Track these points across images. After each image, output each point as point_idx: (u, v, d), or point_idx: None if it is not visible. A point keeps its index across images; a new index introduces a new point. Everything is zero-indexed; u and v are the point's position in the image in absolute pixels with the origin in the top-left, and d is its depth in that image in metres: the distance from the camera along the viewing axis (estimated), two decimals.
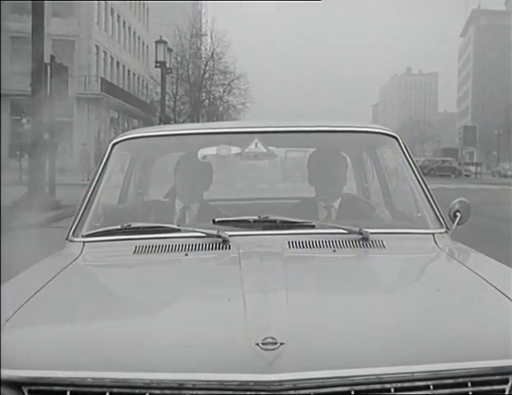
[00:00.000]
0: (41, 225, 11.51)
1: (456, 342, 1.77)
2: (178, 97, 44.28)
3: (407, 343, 1.74)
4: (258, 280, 2.00)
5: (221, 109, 49.22)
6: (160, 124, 27.34)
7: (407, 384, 1.68)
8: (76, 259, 2.58)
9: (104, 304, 2.16)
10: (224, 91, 48.28)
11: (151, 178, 3.77)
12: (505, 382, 1.73)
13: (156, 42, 30.36)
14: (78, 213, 2.90)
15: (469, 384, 1.71)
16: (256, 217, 2.65)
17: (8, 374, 1.70)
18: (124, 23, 53.40)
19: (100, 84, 43.71)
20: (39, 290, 2.11)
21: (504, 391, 1.72)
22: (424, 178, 3.02)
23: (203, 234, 2.58)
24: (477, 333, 1.81)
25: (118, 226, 2.71)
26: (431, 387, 1.69)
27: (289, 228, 2.64)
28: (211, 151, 3.38)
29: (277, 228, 2.63)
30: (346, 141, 3.44)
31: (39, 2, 15.38)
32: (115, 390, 1.67)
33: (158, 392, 1.66)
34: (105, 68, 47.89)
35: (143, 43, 60.23)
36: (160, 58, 29.78)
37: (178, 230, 2.70)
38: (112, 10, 49.51)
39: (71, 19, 43.66)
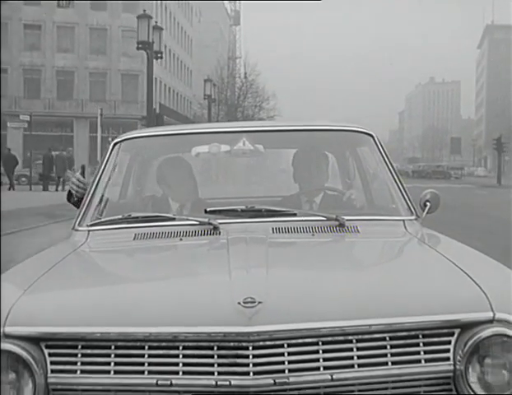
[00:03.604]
0: None
1: (409, 299, 2.02)
2: (220, 118, 54.76)
3: (365, 300, 2.00)
4: (243, 260, 2.26)
5: None
6: None
7: (366, 336, 1.92)
8: (81, 245, 2.83)
9: (108, 275, 2.55)
10: (255, 108, 58.21)
11: (148, 175, 3.87)
12: (451, 334, 1.96)
13: (205, 80, 40.82)
14: (83, 206, 3.11)
15: (420, 336, 1.94)
16: (243, 207, 2.87)
17: (28, 330, 1.96)
18: (174, 55, 63.89)
19: (158, 107, 54.13)
20: (51, 268, 2.39)
21: (450, 342, 1.95)
22: (397, 171, 3.24)
23: (196, 222, 2.80)
24: (427, 291, 2.07)
25: (120, 216, 2.95)
26: (387, 338, 1.92)
27: (273, 216, 2.85)
28: (203, 148, 3.51)
29: (263, 216, 2.84)
30: (326, 139, 3.61)
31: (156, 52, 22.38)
32: (119, 343, 1.93)
33: (156, 344, 1.92)
34: (160, 94, 57.59)
35: (188, 68, 70.46)
36: (207, 92, 40.47)
37: (173, 219, 2.91)
38: (165, 46, 60.42)
39: (136, 58, 53.99)
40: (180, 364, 1.90)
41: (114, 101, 52.95)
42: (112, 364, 1.92)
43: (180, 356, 1.91)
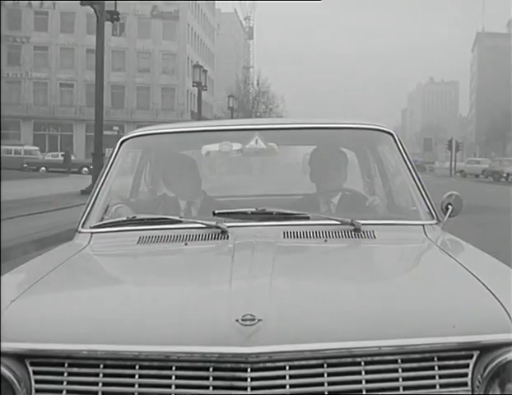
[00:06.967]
0: None
1: (423, 318, 1.80)
2: None
3: (375, 318, 1.79)
4: (246, 269, 2.07)
5: None
6: None
7: (375, 358, 1.71)
8: (83, 248, 2.67)
9: (101, 286, 2.32)
10: (265, 112, 70.37)
11: (156, 173, 3.72)
12: (470, 357, 1.75)
13: (229, 96, 54.04)
14: (87, 207, 2.95)
15: (435, 359, 1.73)
16: (253, 209, 2.70)
17: (12, 346, 1.78)
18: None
19: (190, 113, 65.87)
20: (45, 275, 2.21)
21: (468, 365, 1.74)
22: (418, 172, 3.03)
23: (203, 226, 2.63)
24: (444, 309, 1.84)
25: (124, 218, 2.82)
26: (399, 361, 1.72)
27: (285, 219, 2.68)
28: (213, 147, 3.39)
29: (274, 219, 2.67)
30: (344, 137, 3.40)
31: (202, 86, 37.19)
32: (108, 362, 1.75)
33: (146, 363, 1.73)
34: (191, 103, 69.92)
35: (211, 79, 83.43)
36: (231, 105, 53.74)
37: (180, 222, 2.74)
38: (191, 62, 74.01)
39: (173, 75, 67.06)
40: (173, 386, 1.72)
41: (155, 109, 66.10)
42: (100, 384, 1.75)
43: (173, 378, 1.73)
